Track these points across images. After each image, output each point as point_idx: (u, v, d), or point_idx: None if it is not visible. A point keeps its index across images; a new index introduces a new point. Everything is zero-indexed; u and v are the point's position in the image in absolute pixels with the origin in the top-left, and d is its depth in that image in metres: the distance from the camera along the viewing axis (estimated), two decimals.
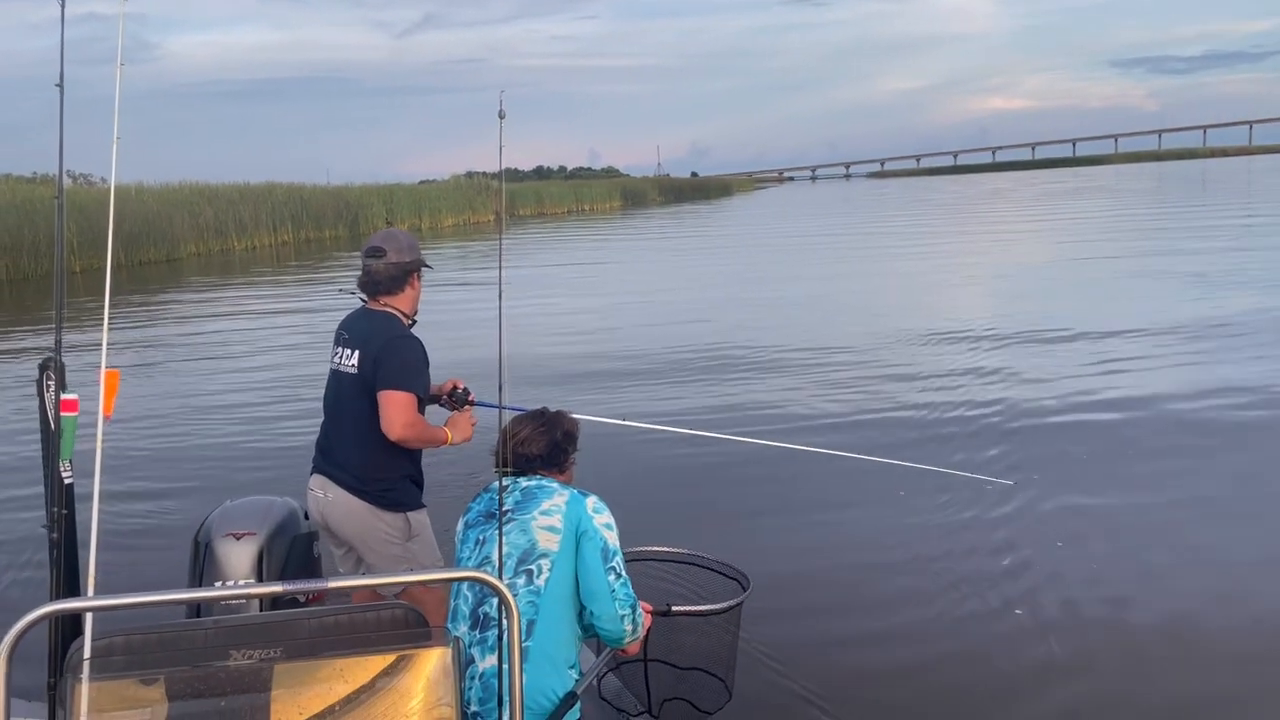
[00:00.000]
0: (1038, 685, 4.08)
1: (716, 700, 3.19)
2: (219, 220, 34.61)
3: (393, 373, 3.43)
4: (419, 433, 3.49)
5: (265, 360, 12.55)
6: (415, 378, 3.50)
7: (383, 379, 3.43)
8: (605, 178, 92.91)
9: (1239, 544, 5.39)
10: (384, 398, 3.42)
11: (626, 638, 2.69)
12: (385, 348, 3.47)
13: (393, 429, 3.41)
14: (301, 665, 2.04)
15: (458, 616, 2.69)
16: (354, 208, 42.51)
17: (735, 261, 24.47)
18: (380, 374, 3.44)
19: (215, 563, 3.35)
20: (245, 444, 8.38)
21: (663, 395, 9.51)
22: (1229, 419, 7.79)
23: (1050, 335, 11.52)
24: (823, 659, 4.31)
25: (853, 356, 10.96)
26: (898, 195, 70.25)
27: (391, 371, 3.43)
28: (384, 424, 3.42)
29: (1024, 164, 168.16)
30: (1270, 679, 4.06)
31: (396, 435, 3.43)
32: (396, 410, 3.41)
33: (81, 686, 1.89)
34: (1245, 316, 12.09)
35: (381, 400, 3.43)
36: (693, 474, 6.77)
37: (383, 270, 3.58)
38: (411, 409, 3.47)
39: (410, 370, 3.48)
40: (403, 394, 3.43)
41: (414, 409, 3.48)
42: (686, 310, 15.20)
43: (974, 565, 5.20)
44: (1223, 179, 61.15)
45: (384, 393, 3.42)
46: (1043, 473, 6.55)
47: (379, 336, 3.52)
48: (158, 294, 21.50)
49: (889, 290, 17.34)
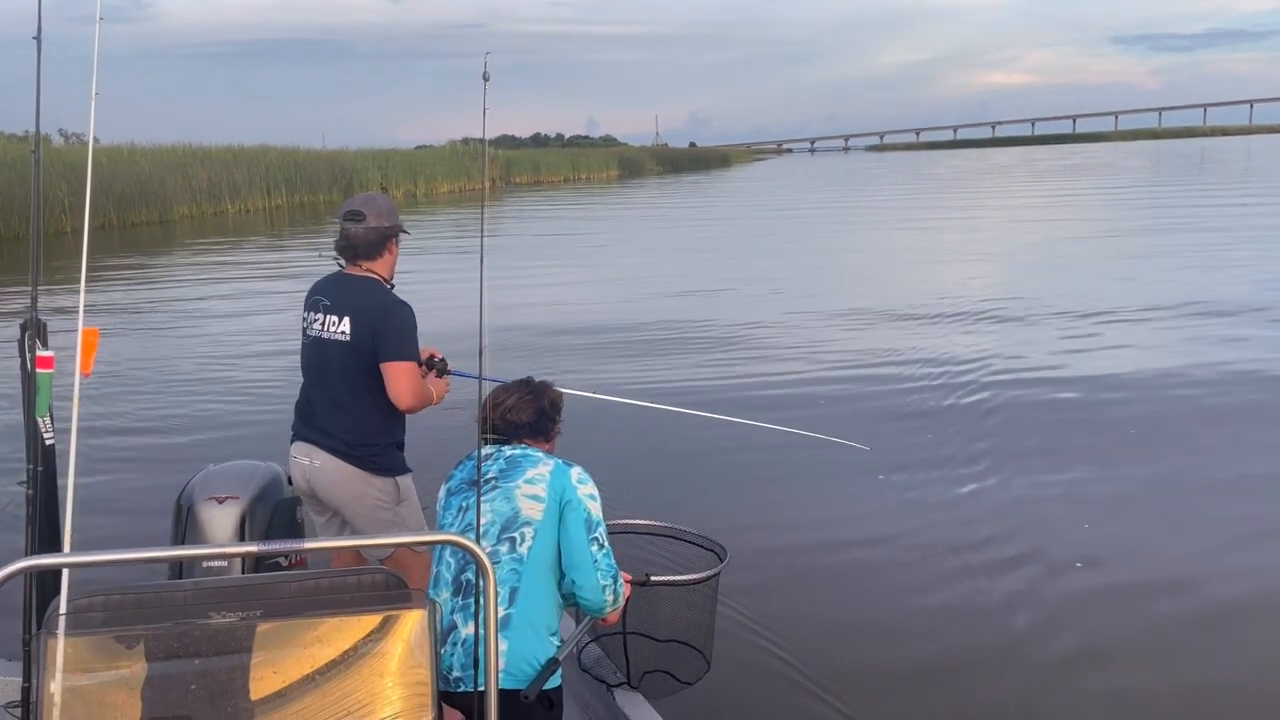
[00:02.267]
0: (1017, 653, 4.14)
1: (696, 670, 3.23)
2: (212, 182, 34.39)
3: (395, 343, 3.44)
4: (426, 399, 3.54)
5: (253, 324, 12.51)
6: (414, 345, 3.53)
7: (387, 351, 3.44)
8: (603, 146, 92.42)
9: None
10: (392, 370, 3.44)
11: (607, 607, 2.70)
12: (383, 317, 3.46)
13: (403, 400, 3.45)
14: (281, 626, 2.04)
15: (440, 583, 2.69)
16: (349, 172, 42.26)
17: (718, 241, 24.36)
18: (383, 346, 3.44)
19: (197, 526, 3.33)
20: (230, 407, 8.36)
21: (641, 369, 9.50)
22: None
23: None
24: (803, 626, 4.36)
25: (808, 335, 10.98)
26: (893, 169, 70.04)
27: (394, 342, 3.44)
28: (394, 396, 3.44)
29: (1024, 139, 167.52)
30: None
31: (407, 405, 3.47)
32: (406, 380, 3.44)
33: (57, 643, 1.88)
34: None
35: (389, 372, 3.43)
36: (671, 448, 6.77)
37: (362, 235, 3.53)
38: (418, 377, 3.51)
39: (410, 339, 3.50)
40: (408, 364, 3.47)
41: (419, 377, 3.53)
42: (666, 285, 15.10)
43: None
44: (1221, 160, 60.99)
45: (391, 364, 3.44)
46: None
47: (373, 305, 3.49)
48: (149, 255, 21.40)
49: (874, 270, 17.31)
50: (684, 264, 18.09)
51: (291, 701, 2.02)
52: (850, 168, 77.52)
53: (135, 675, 1.97)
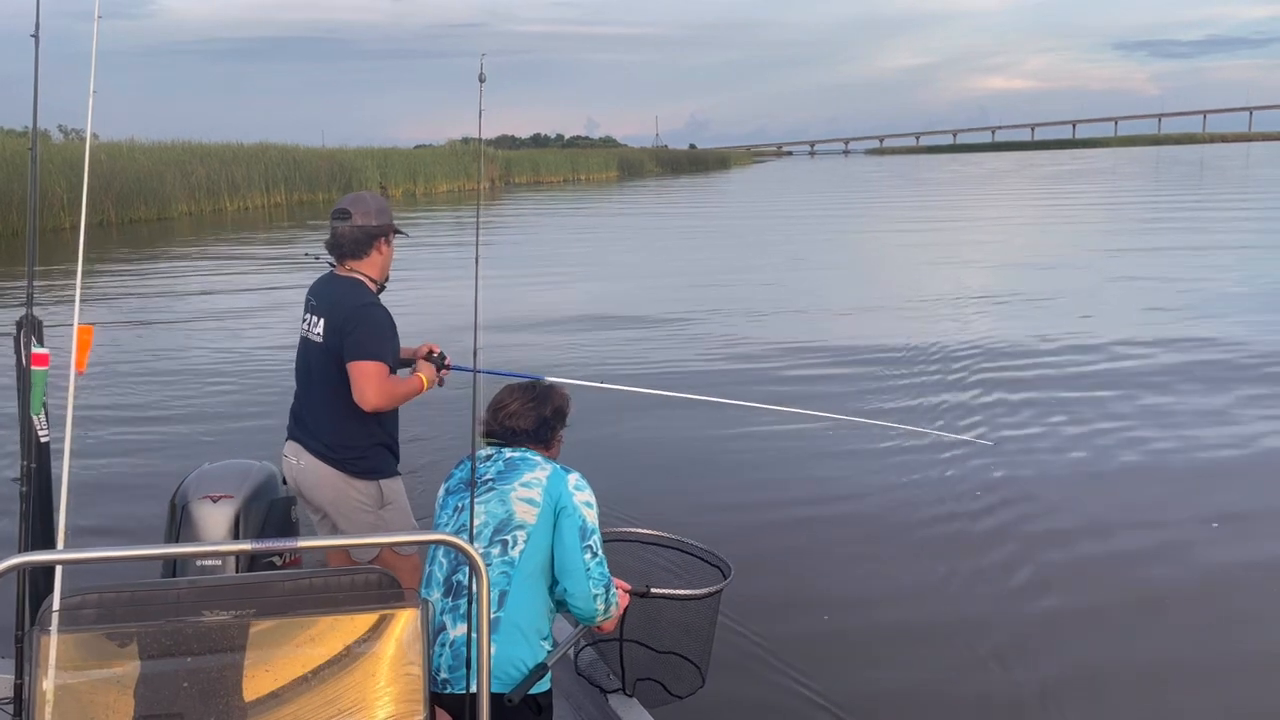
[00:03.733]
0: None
1: (690, 685, 3.18)
2: (211, 180, 34.33)
3: (358, 344, 3.37)
4: (393, 397, 3.45)
5: (249, 322, 12.48)
6: (382, 344, 3.44)
7: (350, 350, 3.37)
8: (603, 147, 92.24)
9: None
10: (354, 370, 3.36)
11: (598, 616, 2.67)
12: (349, 319, 3.40)
13: (365, 400, 3.36)
14: (274, 625, 2.04)
15: (431, 583, 2.68)
16: (348, 171, 42.19)
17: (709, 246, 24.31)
18: (347, 345, 3.38)
19: (192, 525, 3.33)
20: (225, 406, 8.34)
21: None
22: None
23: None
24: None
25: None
26: (893, 173, 70.04)
27: (357, 343, 3.37)
28: (356, 397, 3.36)
29: (1023, 144, 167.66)
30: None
31: (370, 405, 3.37)
32: (366, 381, 3.35)
33: (49, 639, 1.88)
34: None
35: (352, 372, 3.36)
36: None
37: (347, 234, 3.49)
38: (382, 377, 3.40)
39: (375, 338, 3.41)
40: (372, 364, 3.36)
41: (384, 377, 3.42)
42: (667, 291, 15.08)
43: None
44: (1220, 169, 60.99)
45: (353, 364, 3.36)
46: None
47: (343, 306, 3.44)
48: (148, 252, 21.34)
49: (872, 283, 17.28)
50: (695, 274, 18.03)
51: (284, 700, 2.02)
52: (853, 171, 77.40)
53: (128, 673, 1.97)
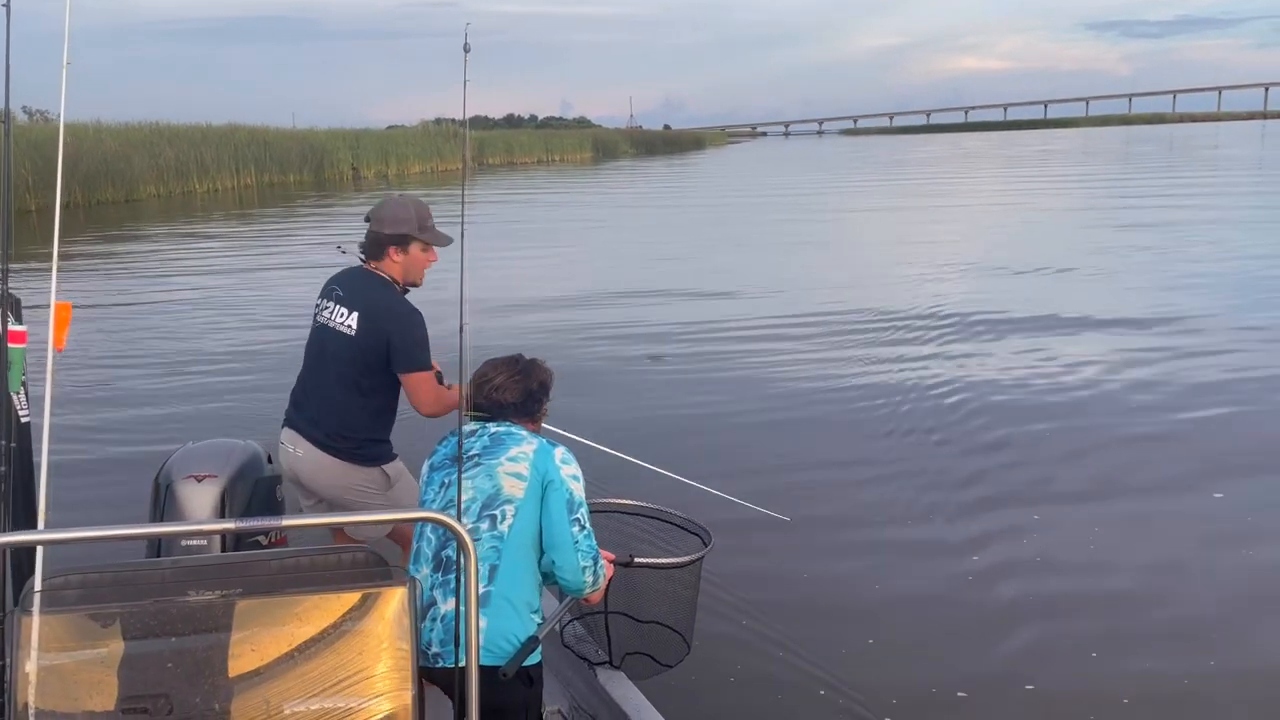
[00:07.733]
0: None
1: (676, 653, 3.23)
2: (180, 161, 33.88)
3: (412, 354, 3.52)
4: (446, 405, 3.58)
5: (224, 303, 12.37)
6: (428, 353, 3.60)
7: (405, 362, 3.51)
8: (577, 128, 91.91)
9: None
10: (412, 381, 3.53)
11: (587, 588, 2.69)
12: (397, 328, 3.51)
13: (424, 408, 3.56)
14: (260, 604, 2.04)
15: (420, 559, 2.68)
16: (319, 152, 41.79)
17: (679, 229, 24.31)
18: (400, 357, 3.51)
19: (176, 505, 3.30)
20: (205, 386, 8.29)
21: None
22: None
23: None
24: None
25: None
26: (866, 154, 70.22)
27: (410, 353, 3.52)
28: (415, 405, 3.56)
29: (996, 124, 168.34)
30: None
31: (428, 412, 3.57)
32: (426, 391, 3.54)
33: (32, 621, 1.86)
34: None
35: (409, 383, 3.53)
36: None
37: (368, 236, 3.67)
38: (436, 385, 3.58)
39: (424, 346, 3.57)
40: (426, 373, 3.55)
41: (436, 384, 3.59)
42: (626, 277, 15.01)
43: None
44: (1190, 147, 61.61)
45: (411, 375, 3.52)
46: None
47: (384, 306, 3.55)
48: (115, 234, 21.05)
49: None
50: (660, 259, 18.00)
51: (271, 679, 2.01)
52: (824, 153, 77.52)
53: (112, 653, 1.96)
